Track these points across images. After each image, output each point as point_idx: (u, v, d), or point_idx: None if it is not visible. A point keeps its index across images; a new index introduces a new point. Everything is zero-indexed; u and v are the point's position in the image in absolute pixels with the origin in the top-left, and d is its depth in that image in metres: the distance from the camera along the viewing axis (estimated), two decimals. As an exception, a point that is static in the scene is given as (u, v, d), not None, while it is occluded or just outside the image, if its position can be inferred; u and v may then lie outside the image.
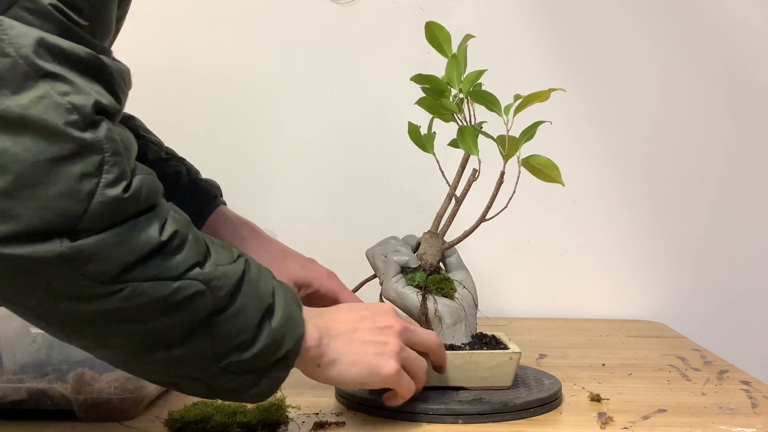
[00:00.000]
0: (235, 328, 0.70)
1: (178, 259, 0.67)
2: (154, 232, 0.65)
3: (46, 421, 0.88)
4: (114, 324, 0.66)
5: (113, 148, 0.63)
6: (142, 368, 0.72)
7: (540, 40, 1.53)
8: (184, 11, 1.51)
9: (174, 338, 0.68)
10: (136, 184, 0.65)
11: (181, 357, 0.69)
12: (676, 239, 1.56)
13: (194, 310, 0.68)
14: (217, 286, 0.69)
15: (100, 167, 0.62)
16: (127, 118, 1.07)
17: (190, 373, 0.71)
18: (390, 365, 0.82)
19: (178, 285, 0.66)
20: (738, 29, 1.53)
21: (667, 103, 1.55)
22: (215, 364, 0.71)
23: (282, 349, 0.74)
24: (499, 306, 1.54)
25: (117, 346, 0.68)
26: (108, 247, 0.63)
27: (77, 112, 0.61)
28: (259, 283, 0.73)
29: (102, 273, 0.63)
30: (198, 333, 0.69)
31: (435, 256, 0.99)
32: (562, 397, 0.98)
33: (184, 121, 1.48)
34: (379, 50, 1.53)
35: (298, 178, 1.54)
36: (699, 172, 1.56)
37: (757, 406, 0.98)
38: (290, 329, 0.74)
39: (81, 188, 0.61)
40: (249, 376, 0.73)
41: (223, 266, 0.70)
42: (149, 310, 0.66)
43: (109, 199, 0.62)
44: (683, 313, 1.54)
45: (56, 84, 0.61)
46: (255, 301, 0.72)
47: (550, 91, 0.92)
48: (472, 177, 0.97)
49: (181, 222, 0.69)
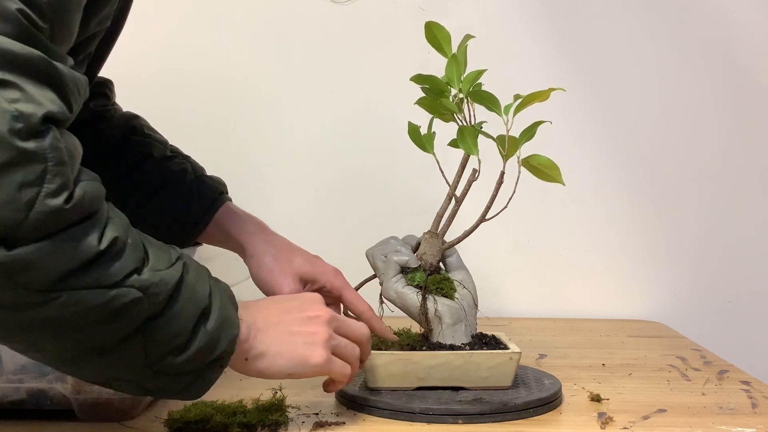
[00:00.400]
0: (170, 332, 0.70)
1: (116, 266, 0.65)
2: (93, 241, 0.64)
3: (46, 421, 0.88)
4: (48, 331, 0.65)
5: (57, 157, 0.62)
6: (74, 371, 0.71)
7: (540, 40, 1.53)
8: (184, 11, 1.51)
9: (108, 344, 0.67)
10: (79, 192, 0.63)
11: (114, 361, 0.69)
12: (676, 239, 1.56)
13: (130, 317, 0.67)
14: (154, 292, 0.68)
15: (41, 177, 0.61)
16: (131, 117, 1.08)
17: (123, 376, 0.71)
18: (318, 354, 0.81)
19: (115, 293, 0.65)
20: (738, 29, 1.53)
21: (667, 102, 1.55)
22: (148, 367, 0.70)
23: (217, 351, 0.73)
24: (499, 306, 1.54)
25: (49, 350, 0.67)
26: (45, 256, 0.61)
27: (23, 120, 0.60)
28: (196, 286, 0.72)
29: (38, 282, 0.62)
30: (132, 339, 0.68)
31: (435, 256, 0.99)
32: (562, 397, 0.98)
33: (184, 120, 1.48)
34: (379, 50, 1.53)
35: (298, 178, 1.54)
36: (699, 172, 1.56)
37: (757, 406, 0.98)
38: (225, 330, 0.74)
39: (21, 197, 0.60)
40: (183, 377, 0.72)
41: (161, 271, 0.69)
42: (84, 318, 0.65)
43: (49, 209, 0.61)
44: (683, 313, 1.54)
45: (5, 91, 0.60)
46: (191, 305, 0.71)
47: (549, 90, 0.92)
48: (472, 177, 0.97)
49: (120, 227, 0.68)
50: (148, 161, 1.04)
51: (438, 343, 0.96)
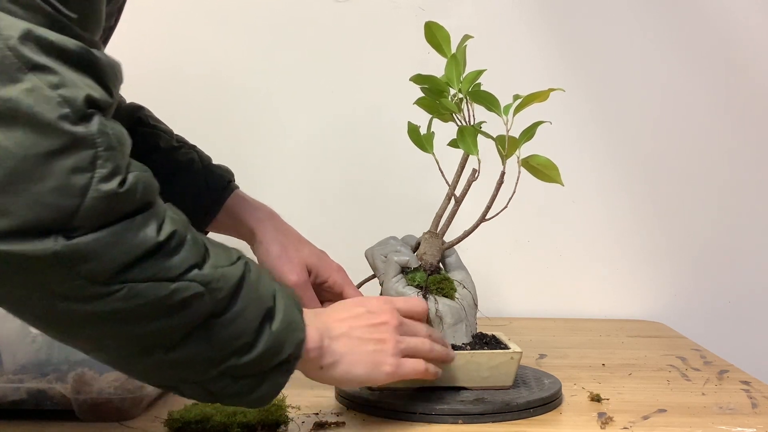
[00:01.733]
0: (234, 331, 0.69)
1: (176, 260, 0.65)
2: (152, 232, 0.64)
3: (46, 421, 0.88)
4: (110, 325, 0.64)
5: (106, 142, 0.62)
6: (140, 371, 0.70)
7: (540, 40, 1.53)
8: (182, 10, 1.51)
9: (171, 341, 0.67)
10: (132, 179, 0.63)
11: (178, 360, 0.68)
12: (676, 239, 1.56)
13: (192, 312, 0.66)
14: (215, 288, 0.67)
15: (93, 162, 0.61)
16: (136, 108, 1.08)
17: (188, 377, 0.70)
18: (390, 363, 0.82)
19: (175, 286, 0.65)
20: (738, 29, 1.53)
21: (667, 102, 1.55)
22: (213, 368, 0.69)
23: (283, 354, 0.72)
24: (499, 306, 1.54)
25: (113, 347, 0.67)
26: (104, 246, 0.61)
27: (68, 106, 0.60)
28: (258, 285, 0.72)
29: (98, 273, 0.61)
30: (196, 336, 0.67)
31: (435, 256, 0.99)
32: (562, 397, 0.98)
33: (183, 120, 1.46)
34: (379, 50, 1.53)
35: (297, 178, 1.54)
36: (699, 172, 1.56)
37: (757, 406, 0.98)
38: (291, 333, 0.73)
39: (74, 183, 0.60)
40: (248, 380, 0.72)
41: (222, 268, 0.68)
42: (146, 312, 0.64)
43: (103, 194, 0.61)
44: (683, 313, 1.54)
45: (46, 76, 0.60)
46: (255, 304, 0.70)
47: (549, 91, 0.92)
48: (471, 177, 0.97)
49: (179, 222, 0.67)
50: (155, 152, 1.04)
51: (438, 343, 0.96)
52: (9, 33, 0.59)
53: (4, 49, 0.59)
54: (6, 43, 0.59)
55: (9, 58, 0.59)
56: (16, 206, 0.59)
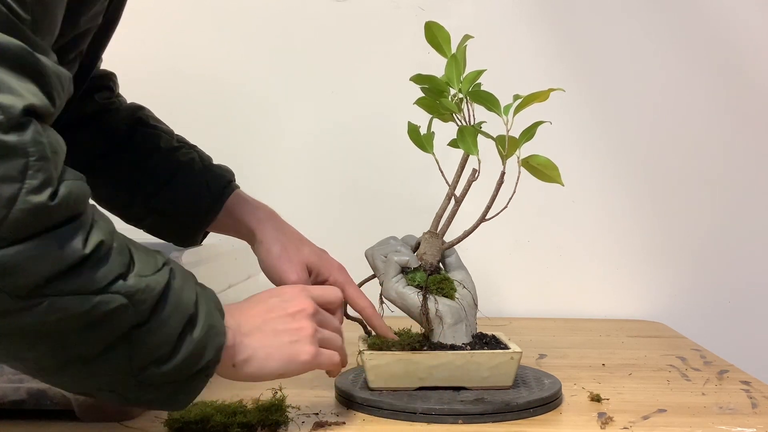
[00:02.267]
0: (155, 341, 0.67)
1: (101, 272, 0.63)
2: (78, 244, 0.61)
3: (46, 421, 0.88)
4: (28, 339, 0.62)
5: (39, 152, 0.59)
6: (56, 381, 0.69)
7: (540, 40, 1.53)
8: (183, 12, 1.51)
9: (91, 352, 0.64)
10: (63, 191, 0.60)
11: (96, 371, 0.66)
12: (676, 239, 1.56)
13: (115, 324, 0.64)
14: (140, 299, 0.65)
15: (23, 171, 0.58)
16: (136, 108, 1.07)
17: (105, 386, 0.68)
18: (306, 351, 0.80)
19: (99, 299, 0.62)
20: (738, 29, 1.53)
21: (667, 102, 1.55)
22: (132, 377, 0.67)
23: (203, 360, 0.70)
24: (499, 306, 1.54)
25: (30, 359, 0.65)
26: (27, 259, 0.58)
27: (2, 112, 0.57)
28: (182, 293, 0.69)
29: (20, 286, 0.59)
30: (116, 347, 0.65)
31: (435, 256, 0.99)
32: (562, 397, 0.98)
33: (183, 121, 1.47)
34: (380, 50, 1.53)
35: (298, 178, 1.54)
36: (699, 172, 1.56)
37: (757, 406, 0.98)
38: (212, 339, 0.71)
39: (1, 193, 0.57)
40: (167, 387, 0.70)
41: (146, 277, 0.66)
42: (67, 325, 0.62)
43: (32, 205, 0.58)
44: (683, 313, 1.55)
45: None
46: (177, 313, 0.68)
47: (549, 91, 0.92)
48: (471, 177, 0.97)
49: (105, 230, 0.65)
50: (156, 153, 1.04)
51: (439, 343, 0.96)
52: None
53: None
54: None
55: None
56: None
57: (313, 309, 0.83)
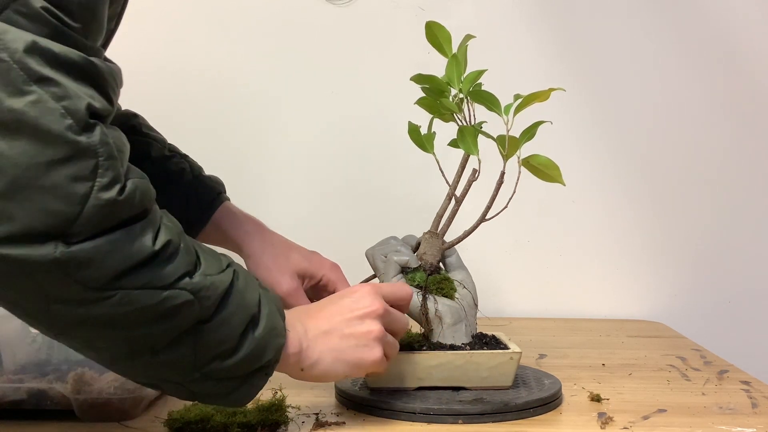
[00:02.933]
0: (219, 337, 0.71)
1: (169, 268, 0.67)
2: (148, 241, 0.66)
3: (46, 421, 0.88)
4: (102, 328, 0.66)
5: (107, 151, 0.63)
6: (126, 370, 0.73)
7: (540, 40, 1.53)
8: (183, 11, 1.51)
9: (159, 344, 0.69)
10: (131, 187, 0.65)
11: (163, 362, 0.70)
12: (676, 239, 1.56)
13: (181, 318, 0.68)
14: (205, 296, 0.69)
15: (94, 171, 0.63)
16: (130, 116, 1.08)
17: (171, 378, 0.72)
18: (374, 353, 0.82)
19: (167, 294, 0.67)
20: (738, 29, 1.53)
21: (667, 102, 1.55)
22: (196, 370, 0.71)
23: (264, 358, 0.75)
24: (499, 306, 1.54)
25: (103, 348, 0.69)
26: (102, 254, 0.63)
27: (71, 117, 0.62)
28: (245, 293, 0.74)
29: (94, 279, 0.63)
30: (182, 340, 0.69)
31: (435, 256, 0.99)
32: (562, 397, 0.98)
33: (184, 120, 1.48)
34: (380, 50, 1.53)
35: (298, 178, 1.54)
36: (699, 172, 1.56)
37: (757, 406, 0.98)
38: (272, 339, 0.75)
39: (75, 191, 0.62)
40: (228, 382, 0.74)
41: (211, 276, 0.70)
42: (137, 317, 0.66)
43: (103, 202, 0.63)
44: (683, 313, 1.54)
45: (50, 88, 0.62)
46: (240, 311, 0.72)
47: (550, 90, 0.92)
48: (472, 177, 0.97)
49: (173, 231, 0.69)
50: (147, 161, 1.05)
51: (438, 343, 0.96)
52: (15, 46, 0.61)
53: (11, 62, 0.60)
54: (12, 56, 0.61)
55: (15, 70, 0.61)
56: (19, 212, 0.61)
57: (383, 310, 0.84)
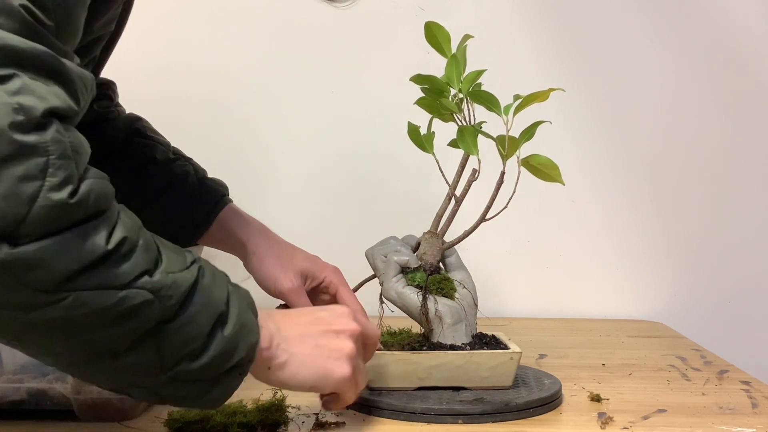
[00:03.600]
0: (184, 337, 0.68)
1: (125, 267, 0.64)
2: (101, 240, 0.63)
3: (46, 421, 0.88)
4: (56, 333, 0.63)
5: (59, 150, 0.60)
6: (88, 376, 0.70)
7: (540, 40, 1.53)
8: (185, 10, 1.51)
9: (119, 347, 0.66)
10: (84, 188, 0.62)
11: (127, 366, 0.67)
12: (676, 239, 1.56)
13: (141, 319, 0.65)
14: (166, 295, 0.66)
15: (44, 170, 0.59)
16: (134, 119, 1.08)
17: (137, 382, 0.69)
18: (343, 369, 0.79)
19: (123, 294, 0.64)
20: (738, 29, 1.53)
21: (667, 102, 1.55)
22: (163, 373, 0.68)
23: (234, 358, 0.71)
24: (499, 306, 1.54)
25: (61, 354, 0.66)
26: (50, 254, 0.60)
27: (23, 113, 0.59)
28: (212, 290, 0.70)
29: (44, 281, 0.60)
30: (145, 342, 0.66)
31: (435, 256, 0.99)
32: (562, 397, 0.98)
33: (184, 121, 1.48)
34: (379, 50, 1.53)
35: (297, 178, 1.54)
36: (699, 172, 1.56)
37: (757, 406, 0.98)
38: (244, 337, 0.72)
39: (22, 191, 0.58)
40: (199, 384, 0.70)
41: (174, 273, 0.67)
42: (93, 320, 0.63)
43: (52, 203, 0.60)
44: (683, 313, 1.54)
45: (6, 84, 0.59)
46: (207, 309, 0.69)
47: (549, 90, 0.92)
48: (471, 177, 0.97)
49: (131, 227, 0.66)
50: (151, 164, 1.05)
51: (439, 343, 0.96)
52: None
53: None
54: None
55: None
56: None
57: (358, 332, 0.82)
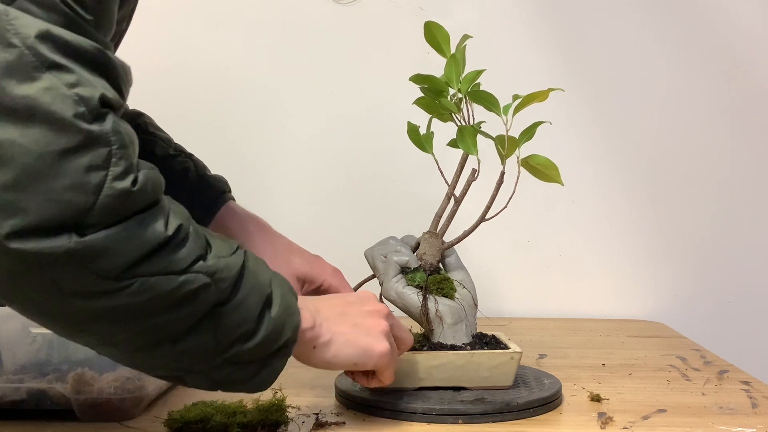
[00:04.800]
0: (237, 319, 0.70)
1: (182, 252, 0.66)
2: (161, 227, 0.65)
3: (46, 421, 0.88)
4: (121, 320, 0.65)
5: (120, 140, 0.63)
6: (147, 363, 0.71)
7: (540, 40, 1.53)
8: (184, 10, 1.51)
9: (179, 332, 0.68)
10: (142, 177, 0.64)
11: (185, 350, 0.69)
12: (676, 239, 1.56)
13: (199, 302, 0.68)
14: (220, 278, 0.69)
15: (107, 160, 0.62)
16: (136, 115, 1.08)
17: (194, 367, 0.71)
18: (383, 345, 0.82)
19: (184, 279, 0.66)
20: (740, 30, 1.53)
21: (667, 102, 1.55)
22: (218, 356, 0.71)
23: (282, 338, 0.74)
24: (499, 306, 1.54)
25: (123, 342, 0.68)
26: (116, 242, 0.62)
27: (84, 104, 0.61)
28: (257, 273, 0.73)
29: (110, 269, 0.62)
30: (202, 326, 0.69)
31: (435, 256, 0.99)
32: (562, 397, 0.98)
33: (184, 120, 1.47)
34: (379, 50, 1.53)
35: (297, 178, 1.54)
36: (699, 172, 1.56)
37: (757, 406, 0.98)
38: (288, 318, 0.75)
39: (89, 181, 0.61)
40: (251, 366, 0.73)
41: (224, 258, 0.70)
42: (156, 305, 0.65)
43: (117, 191, 0.62)
44: (683, 313, 1.54)
45: (62, 75, 0.61)
46: (255, 292, 0.72)
47: (548, 90, 0.92)
48: (471, 177, 0.97)
49: (182, 216, 0.69)
50: (152, 159, 1.04)
51: (439, 344, 0.96)
52: (27, 32, 0.60)
53: (22, 47, 0.60)
54: (24, 41, 0.60)
55: (27, 56, 0.60)
56: (31, 204, 0.59)
57: (387, 311, 0.86)
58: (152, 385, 0.91)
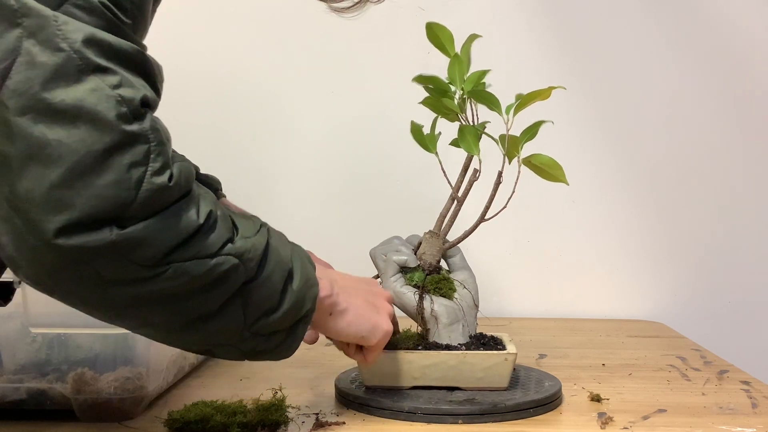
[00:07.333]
0: (264, 294, 0.74)
1: (213, 237, 0.70)
2: (193, 215, 0.69)
3: (46, 421, 0.88)
4: (157, 303, 0.69)
5: (157, 138, 0.66)
6: (182, 341, 0.75)
7: (541, 40, 1.53)
8: (186, 10, 1.51)
9: (211, 311, 0.72)
10: (176, 171, 0.67)
11: (216, 327, 0.73)
12: (676, 239, 1.56)
13: (229, 283, 0.71)
14: (248, 258, 0.72)
15: (147, 156, 0.65)
16: None
17: (223, 341, 0.75)
18: (389, 325, 0.89)
19: (215, 262, 0.69)
20: (740, 30, 1.53)
21: (668, 103, 1.55)
22: (246, 329, 0.74)
23: (303, 309, 0.78)
24: (500, 306, 1.54)
25: (159, 323, 0.71)
26: (154, 233, 0.65)
27: (126, 105, 0.64)
28: (279, 249, 0.77)
29: (148, 258, 0.66)
30: (232, 303, 0.72)
31: (434, 256, 0.99)
32: (562, 397, 0.98)
33: (186, 120, 1.47)
34: (380, 50, 1.53)
35: (300, 178, 1.54)
36: (700, 172, 1.56)
37: (757, 406, 0.98)
38: (308, 289, 0.79)
39: (130, 177, 0.64)
40: (276, 336, 0.77)
41: (250, 238, 0.74)
42: (189, 288, 0.69)
43: (156, 186, 0.65)
44: (683, 313, 1.54)
45: (106, 77, 0.64)
46: (279, 267, 0.76)
47: (550, 89, 0.92)
48: (473, 177, 0.97)
49: (211, 200, 0.72)
50: None
51: (434, 343, 0.96)
52: (74, 36, 0.63)
53: (70, 51, 0.63)
54: (72, 45, 0.63)
55: (74, 60, 0.63)
56: (78, 200, 0.62)
57: (389, 297, 0.93)
58: (152, 385, 0.91)
